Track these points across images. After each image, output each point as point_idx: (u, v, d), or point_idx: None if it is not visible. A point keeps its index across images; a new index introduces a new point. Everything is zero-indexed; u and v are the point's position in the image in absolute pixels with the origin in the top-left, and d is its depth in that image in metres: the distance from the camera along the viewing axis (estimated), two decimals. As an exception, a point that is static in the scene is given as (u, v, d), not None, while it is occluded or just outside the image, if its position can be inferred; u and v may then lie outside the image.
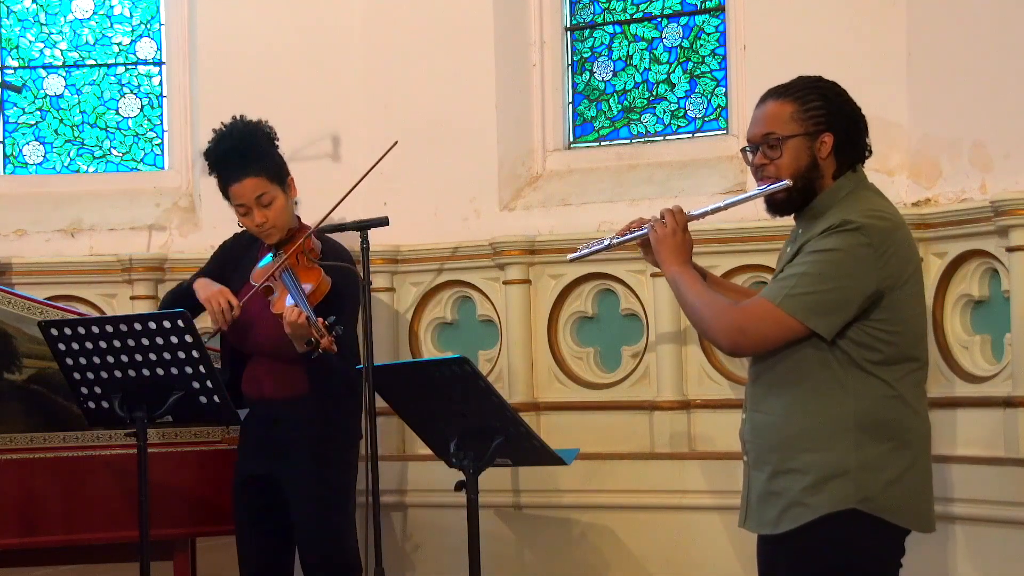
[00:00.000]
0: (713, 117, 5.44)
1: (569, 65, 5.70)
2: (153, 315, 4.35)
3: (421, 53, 5.60)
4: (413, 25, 5.63)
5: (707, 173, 5.28)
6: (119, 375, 4.24)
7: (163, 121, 6.03)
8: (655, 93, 5.55)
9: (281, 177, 4.62)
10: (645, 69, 5.57)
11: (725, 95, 5.40)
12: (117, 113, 6.06)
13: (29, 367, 4.84)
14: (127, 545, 4.51)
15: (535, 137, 5.65)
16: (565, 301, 5.35)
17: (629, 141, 5.58)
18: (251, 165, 4.54)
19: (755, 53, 5.15)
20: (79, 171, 6.03)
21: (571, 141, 5.68)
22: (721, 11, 5.40)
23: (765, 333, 3.43)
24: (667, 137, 5.53)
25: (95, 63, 6.06)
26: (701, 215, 3.71)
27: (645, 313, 5.20)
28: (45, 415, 4.84)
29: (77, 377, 4.29)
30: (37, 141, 6.05)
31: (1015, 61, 4.53)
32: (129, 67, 6.07)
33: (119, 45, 6.07)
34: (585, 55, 5.68)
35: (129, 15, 6.07)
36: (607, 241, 3.81)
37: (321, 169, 5.65)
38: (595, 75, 5.66)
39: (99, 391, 4.29)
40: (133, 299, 5.63)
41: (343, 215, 4.97)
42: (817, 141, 3.50)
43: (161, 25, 6.05)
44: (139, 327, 4.20)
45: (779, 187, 3.51)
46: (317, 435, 4.42)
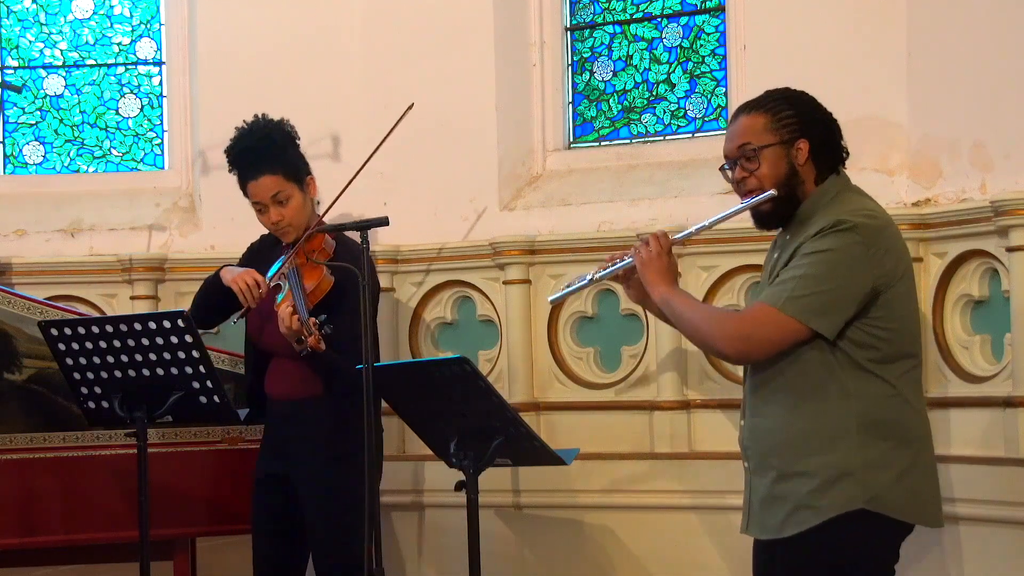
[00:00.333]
0: (713, 117, 5.44)
1: (569, 65, 5.70)
2: (153, 315, 4.35)
3: (421, 53, 5.60)
4: (413, 25, 5.63)
5: (707, 173, 5.27)
6: (119, 375, 4.24)
7: (163, 121, 6.03)
8: (655, 93, 5.55)
9: (299, 176, 4.64)
10: (645, 69, 5.57)
11: (725, 95, 5.40)
12: (117, 113, 6.06)
13: (29, 367, 4.83)
14: (127, 545, 4.51)
15: (535, 137, 5.65)
16: (565, 301, 5.34)
17: (629, 141, 5.58)
18: (268, 163, 4.58)
19: (755, 53, 5.15)
20: (79, 171, 6.03)
21: (571, 141, 5.68)
22: (721, 11, 5.40)
23: (769, 338, 3.44)
24: (667, 137, 5.53)
25: (95, 63, 6.06)
26: (685, 237, 3.78)
27: (645, 313, 5.20)
28: (45, 415, 4.83)
29: (77, 377, 4.29)
30: (37, 141, 6.05)
31: (1015, 61, 4.53)
32: (129, 67, 6.07)
33: (119, 45, 6.07)
34: (585, 55, 5.68)
35: (129, 15, 6.07)
36: (589, 277, 3.85)
37: (321, 169, 5.61)
38: (595, 75, 5.66)
39: (99, 391, 4.29)
40: (133, 299, 5.63)
41: (343, 215, 4.96)
42: (793, 148, 3.55)
43: (161, 25, 6.04)
44: (139, 327, 4.20)
45: (765, 198, 3.55)
46: (331, 435, 4.40)
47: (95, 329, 4.24)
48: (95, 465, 4.83)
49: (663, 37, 5.54)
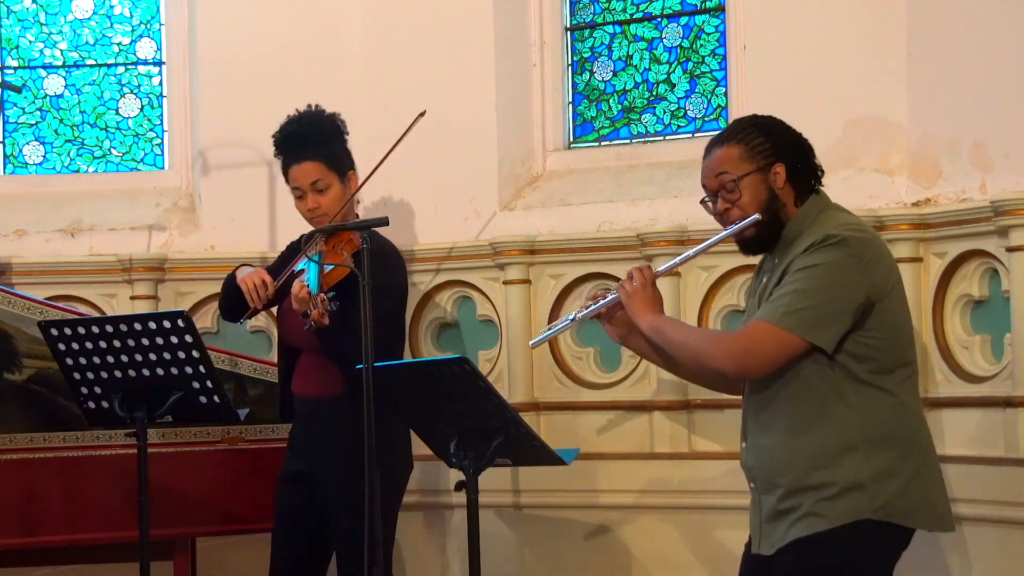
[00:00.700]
0: (713, 117, 5.44)
1: (569, 65, 5.70)
2: (153, 315, 4.35)
3: (421, 53, 5.60)
4: (413, 25, 5.63)
5: (707, 173, 5.27)
6: (119, 375, 4.24)
7: (163, 121, 6.03)
8: (655, 93, 5.55)
9: (341, 168, 4.67)
10: (645, 69, 5.57)
11: (725, 95, 5.40)
12: (117, 113, 6.06)
13: (29, 367, 4.83)
14: (127, 545, 4.51)
15: (535, 137, 5.65)
16: (565, 301, 5.34)
17: (629, 141, 5.58)
18: (312, 150, 4.63)
19: (755, 53, 5.15)
20: (79, 171, 6.03)
21: (571, 141, 5.68)
22: (721, 11, 5.39)
23: (767, 353, 3.46)
24: (667, 137, 5.53)
25: (95, 63, 6.06)
26: (669, 269, 3.86)
27: (645, 313, 5.19)
28: (45, 415, 4.83)
29: (77, 377, 4.29)
30: (37, 141, 6.05)
31: (1015, 61, 4.53)
32: (129, 67, 6.07)
33: (119, 45, 6.07)
34: (585, 55, 5.68)
35: (129, 15, 6.07)
36: (571, 316, 3.90)
37: (321, 169, 5.65)
38: (595, 75, 5.66)
39: (99, 391, 4.29)
40: (133, 299, 5.63)
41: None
42: (771, 173, 3.58)
43: (161, 25, 6.05)
44: (139, 327, 4.20)
45: (749, 222, 3.59)
46: (354, 433, 4.30)
47: (95, 329, 4.24)
48: (95, 465, 4.83)
49: (663, 37, 5.54)
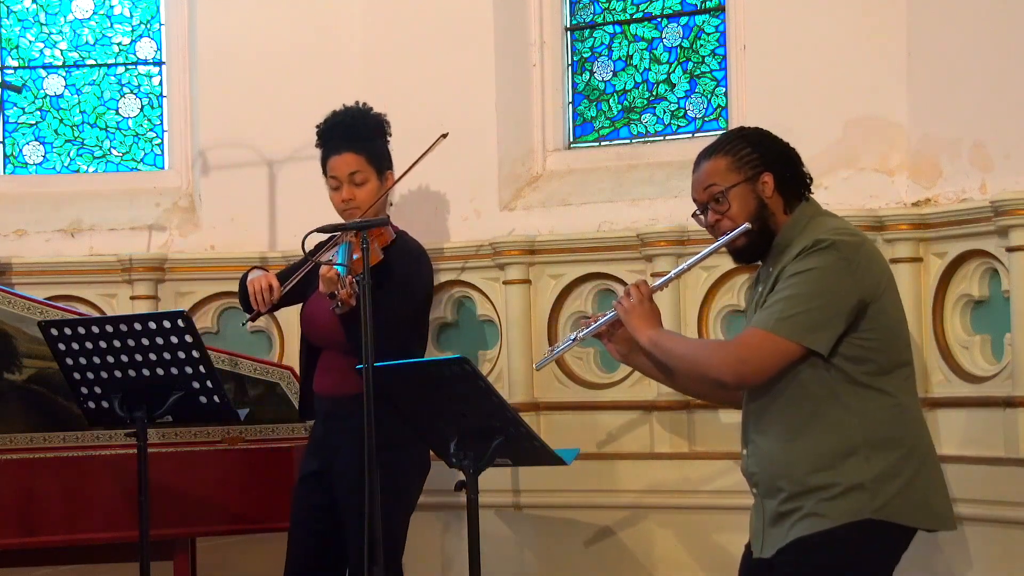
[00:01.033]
0: (713, 117, 5.44)
1: (569, 65, 5.70)
2: (153, 315, 4.35)
3: (421, 53, 5.60)
4: (413, 25, 5.64)
5: (707, 173, 5.27)
6: (119, 375, 4.23)
7: (163, 121, 6.03)
8: (655, 93, 5.55)
9: (380, 165, 4.70)
10: (645, 69, 5.57)
11: (725, 95, 5.40)
12: (117, 113, 6.06)
13: (29, 367, 4.84)
14: (127, 545, 4.51)
15: (535, 137, 5.65)
16: (565, 301, 5.35)
17: (629, 141, 5.58)
18: (354, 142, 4.67)
19: (755, 53, 5.15)
20: (79, 171, 6.03)
21: (571, 141, 5.68)
22: (721, 11, 5.39)
23: (765, 360, 3.48)
24: (667, 137, 5.53)
25: (95, 63, 6.07)
26: (664, 283, 3.88)
27: (645, 313, 5.19)
28: (45, 415, 4.83)
29: (77, 377, 4.29)
30: (37, 141, 6.05)
31: (1015, 61, 4.53)
32: (129, 67, 6.07)
33: (119, 45, 6.07)
34: (585, 55, 5.68)
35: (129, 15, 6.07)
36: (573, 336, 3.94)
37: (321, 169, 5.64)
38: (595, 75, 5.66)
39: (99, 391, 4.29)
40: (133, 299, 5.63)
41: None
42: (759, 183, 3.61)
43: (161, 25, 6.05)
44: (139, 327, 4.19)
45: (739, 232, 3.62)
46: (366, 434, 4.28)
47: (95, 329, 4.23)
48: (95, 465, 4.83)
49: (663, 37, 5.54)
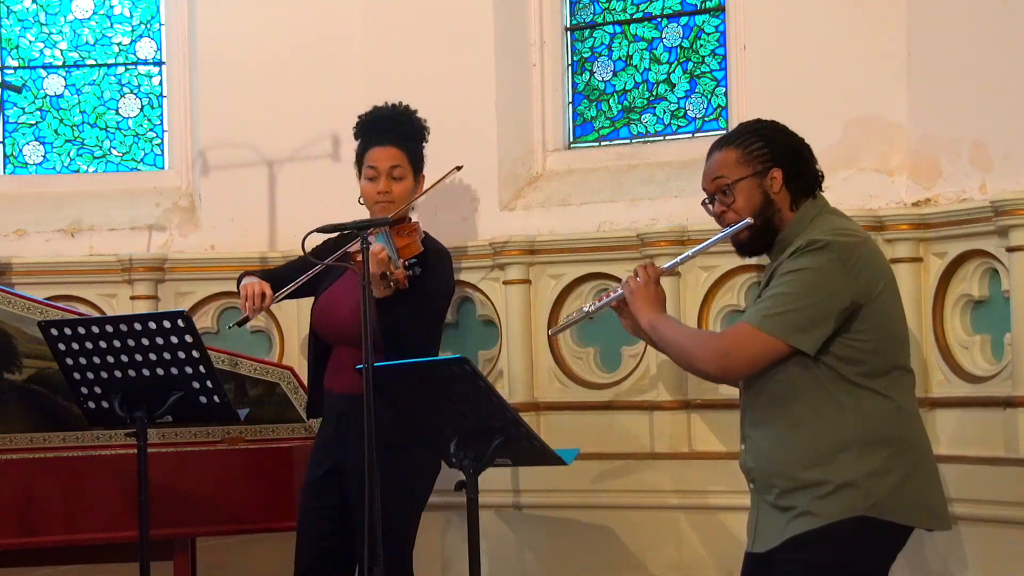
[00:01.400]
0: (713, 117, 5.44)
1: (569, 65, 5.70)
2: (153, 315, 4.35)
3: (421, 53, 5.60)
4: (413, 25, 5.63)
5: (707, 173, 5.27)
6: (119, 375, 4.23)
7: (163, 121, 6.03)
8: (655, 93, 5.55)
9: (418, 166, 4.79)
10: (645, 69, 5.57)
11: (725, 95, 5.40)
12: (117, 113, 6.06)
13: (29, 367, 4.84)
14: (127, 545, 4.51)
15: (535, 137, 5.65)
16: (565, 301, 5.35)
17: (629, 141, 5.58)
18: (399, 138, 4.76)
19: (755, 53, 5.15)
20: (79, 171, 6.03)
21: (571, 141, 5.68)
22: (721, 11, 5.40)
23: (749, 355, 3.51)
24: (667, 137, 5.53)
25: (95, 63, 6.07)
26: (672, 267, 3.95)
27: (645, 313, 5.19)
28: (45, 415, 4.84)
29: (77, 377, 4.29)
30: (37, 141, 6.05)
31: (1015, 61, 4.53)
32: (129, 67, 6.07)
33: (119, 45, 6.07)
34: (585, 55, 5.68)
35: (129, 15, 6.07)
36: (585, 310, 3.99)
37: (321, 169, 5.65)
38: (595, 75, 5.66)
39: (99, 391, 4.29)
40: (133, 299, 5.63)
41: (343, 215, 4.96)
42: (767, 178, 3.62)
43: (161, 25, 6.05)
44: (139, 327, 4.19)
45: (741, 226, 3.64)
46: (388, 427, 4.23)
47: (95, 329, 4.23)
48: (95, 465, 4.83)
49: (663, 37, 5.54)
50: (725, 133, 3.75)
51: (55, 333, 4.27)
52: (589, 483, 5.21)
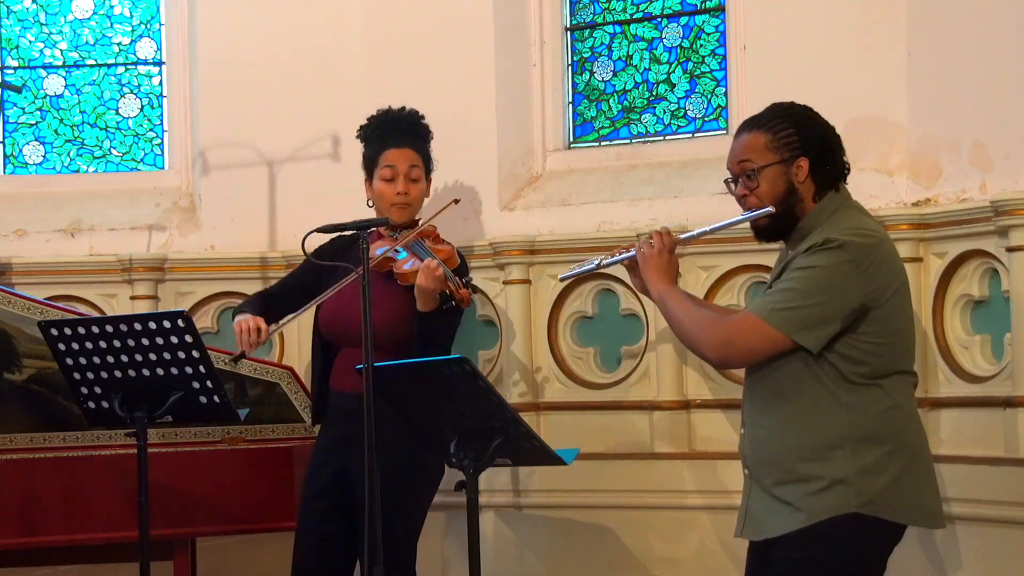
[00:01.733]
0: (713, 117, 5.44)
1: (569, 65, 5.70)
2: (153, 315, 4.34)
3: (421, 53, 5.60)
4: (413, 25, 5.64)
5: (707, 173, 5.27)
6: (119, 375, 4.23)
7: (163, 121, 6.04)
8: (655, 93, 5.55)
9: (429, 168, 4.84)
10: (645, 69, 5.57)
11: (725, 95, 5.40)
12: (117, 113, 6.06)
13: (29, 367, 4.84)
14: (127, 545, 4.51)
15: (535, 137, 5.65)
16: (565, 301, 5.35)
17: (629, 141, 5.58)
18: (414, 140, 4.81)
19: (755, 53, 5.15)
20: (79, 171, 6.03)
21: (571, 141, 5.68)
22: (721, 11, 5.40)
23: (752, 346, 3.50)
24: (667, 137, 5.53)
25: (95, 63, 6.07)
26: (689, 238, 3.88)
27: (645, 313, 5.20)
28: (45, 415, 4.84)
29: (77, 377, 4.29)
30: (37, 141, 6.05)
31: (1015, 61, 4.53)
32: (129, 67, 6.07)
33: (119, 45, 6.07)
34: (585, 55, 5.68)
35: (129, 15, 6.07)
36: (596, 262, 3.96)
37: (321, 169, 5.65)
38: (595, 75, 5.66)
39: (99, 391, 4.28)
40: (133, 299, 5.63)
41: (343, 215, 4.96)
42: (793, 167, 3.58)
43: (161, 25, 6.05)
44: (139, 327, 4.19)
45: (762, 213, 3.61)
46: (393, 431, 4.20)
47: (95, 329, 4.23)
48: (95, 465, 4.83)
49: (663, 37, 5.54)
50: (756, 114, 3.68)
51: (55, 333, 4.27)
52: (589, 483, 5.21)
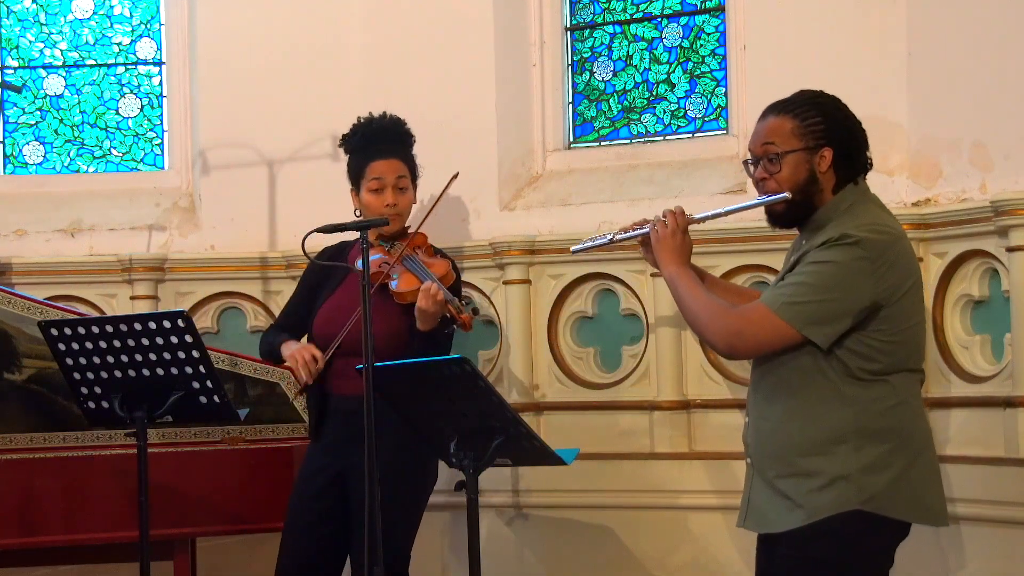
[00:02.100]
0: (713, 117, 5.44)
1: (569, 65, 5.70)
2: (153, 315, 4.34)
3: (421, 53, 5.60)
4: (413, 25, 5.64)
5: (707, 173, 5.28)
6: (119, 375, 4.23)
7: (163, 121, 6.04)
8: (655, 93, 5.55)
9: (415, 176, 4.81)
10: (645, 69, 5.57)
11: (725, 95, 5.40)
12: (117, 113, 6.06)
13: (29, 367, 4.83)
14: (127, 545, 4.51)
15: (535, 137, 5.65)
16: (565, 301, 5.35)
17: (629, 141, 5.58)
18: (401, 149, 4.78)
19: (755, 53, 5.15)
20: (79, 171, 6.03)
21: (571, 141, 5.68)
22: (721, 11, 5.40)
23: (761, 338, 3.48)
24: (667, 137, 5.53)
25: (95, 63, 6.07)
26: (703, 219, 3.77)
27: (645, 313, 5.20)
28: (45, 415, 4.83)
29: (77, 377, 4.29)
30: (37, 141, 6.05)
31: (1015, 61, 4.53)
32: (129, 67, 6.07)
33: (119, 45, 6.07)
34: (585, 55, 5.68)
35: (129, 15, 6.07)
36: (610, 236, 3.88)
37: (321, 169, 5.65)
38: (595, 75, 5.66)
39: (99, 391, 4.28)
40: (133, 299, 5.63)
41: (343, 215, 4.96)
42: (817, 156, 3.55)
43: (161, 25, 6.05)
44: (139, 327, 4.19)
45: (778, 199, 3.57)
46: (392, 434, 4.20)
47: (95, 329, 4.23)
48: (95, 465, 4.83)
49: (663, 37, 5.54)
50: (783, 98, 3.64)
51: (55, 333, 4.27)
52: (589, 483, 5.21)
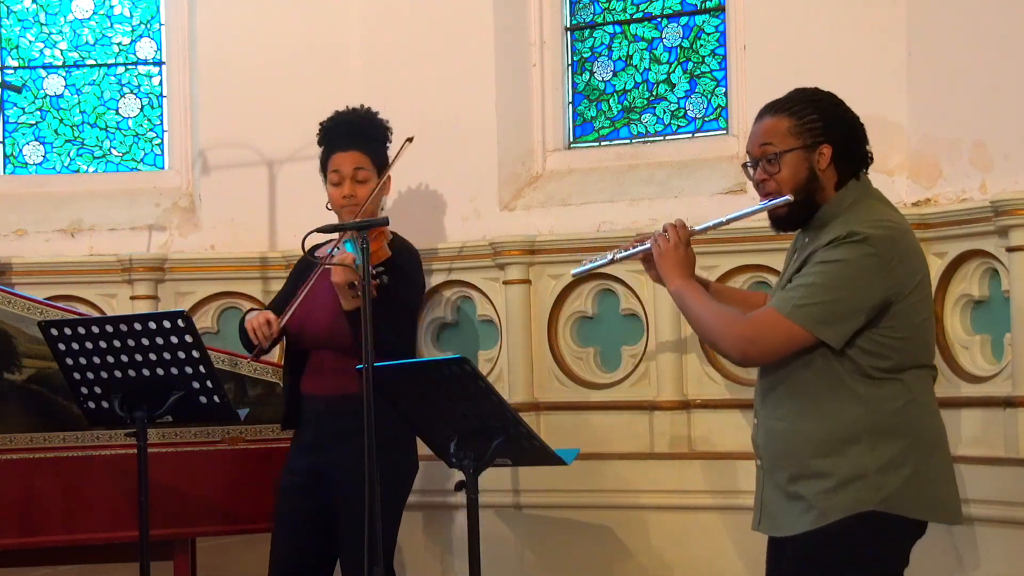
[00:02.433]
0: (713, 117, 5.44)
1: (569, 65, 5.70)
2: (153, 315, 4.35)
3: (421, 53, 5.60)
4: (413, 25, 5.64)
5: (707, 173, 5.28)
6: (119, 375, 4.23)
7: (163, 121, 6.04)
8: (655, 93, 5.55)
9: (380, 168, 4.79)
10: (645, 69, 5.57)
11: (725, 95, 5.40)
12: (117, 113, 6.06)
13: (29, 367, 4.83)
14: (127, 545, 4.51)
15: (535, 137, 5.65)
16: (565, 301, 5.35)
17: (629, 141, 5.58)
18: (361, 141, 4.78)
19: (755, 53, 5.15)
20: (79, 171, 6.03)
21: (571, 141, 5.68)
22: (721, 11, 5.40)
23: (774, 343, 3.46)
24: (667, 137, 5.53)
25: (95, 63, 6.07)
26: (703, 230, 3.77)
27: (645, 313, 5.20)
28: (45, 415, 4.83)
29: (77, 377, 4.29)
30: (37, 141, 6.05)
31: (1015, 61, 4.53)
32: (129, 67, 6.07)
33: (119, 45, 6.07)
34: (585, 55, 5.68)
35: (129, 15, 6.07)
36: (610, 256, 3.87)
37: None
38: (595, 75, 5.66)
39: (99, 391, 4.29)
40: (133, 299, 5.63)
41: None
42: (816, 153, 3.53)
43: (161, 25, 6.05)
44: (139, 327, 4.19)
45: (780, 202, 3.54)
46: (358, 433, 4.15)
47: (95, 329, 4.23)
48: (95, 465, 4.83)
49: (663, 37, 5.54)
50: (779, 98, 3.62)
51: (55, 333, 4.27)
52: (589, 483, 5.21)
